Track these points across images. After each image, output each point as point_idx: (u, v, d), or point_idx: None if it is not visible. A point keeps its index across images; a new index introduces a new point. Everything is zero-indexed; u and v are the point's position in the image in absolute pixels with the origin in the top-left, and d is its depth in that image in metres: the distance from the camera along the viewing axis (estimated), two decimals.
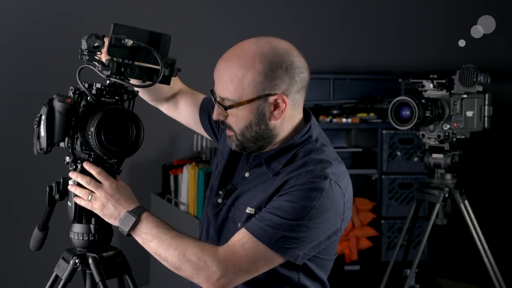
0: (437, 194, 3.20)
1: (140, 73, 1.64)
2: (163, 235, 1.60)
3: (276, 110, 1.63)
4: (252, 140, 1.66)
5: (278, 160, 1.67)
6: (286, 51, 1.63)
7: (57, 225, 2.35)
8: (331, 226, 1.61)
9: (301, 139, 1.67)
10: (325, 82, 4.14)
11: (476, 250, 3.23)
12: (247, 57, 1.61)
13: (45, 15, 3.75)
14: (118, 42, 1.58)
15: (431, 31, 4.41)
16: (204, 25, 4.01)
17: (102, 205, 1.64)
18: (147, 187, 3.89)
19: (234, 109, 1.62)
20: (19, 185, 3.83)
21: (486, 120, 3.24)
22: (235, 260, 1.56)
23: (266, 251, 1.56)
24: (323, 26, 4.28)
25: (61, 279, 1.72)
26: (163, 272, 3.49)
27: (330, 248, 1.68)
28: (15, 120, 3.73)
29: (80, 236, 1.71)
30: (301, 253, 1.58)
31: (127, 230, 1.61)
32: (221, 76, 1.63)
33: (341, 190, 1.61)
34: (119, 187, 1.65)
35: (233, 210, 1.70)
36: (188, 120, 1.99)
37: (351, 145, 4.22)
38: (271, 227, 1.55)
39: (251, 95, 1.60)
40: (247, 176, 1.72)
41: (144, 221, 1.62)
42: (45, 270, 2.00)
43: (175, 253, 1.58)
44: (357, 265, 3.88)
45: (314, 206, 1.56)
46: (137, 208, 1.63)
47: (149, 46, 1.62)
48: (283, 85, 1.62)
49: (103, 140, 1.59)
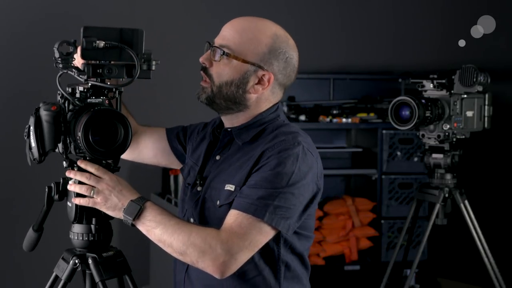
0: (437, 194, 3.20)
1: (118, 72, 1.64)
2: (167, 221, 1.62)
3: (258, 85, 1.71)
4: (225, 97, 1.71)
5: (248, 133, 1.73)
6: (294, 47, 1.76)
7: (57, 225, 2.35)
8: (310, 192, 1.67)
9: (270, 116, 1.75)
10: (325, 82, 4.14)
11: (476, 250, 3.23)
12: (267, 27, 1.72)
13: (45, 15, 3.75)
14: (90, 45, 1.58)
15: (431, 31, 4.41)
16: (204, 25, 4.01)
17: (105, 197, 1.65)
18: (147, 187, 3.89)
19: (226, 59, 1.69)
20: (19, 185, 3.83)
21: (486, 120, 3.24)
22: (236, 240, 1.58)
23: (261, 225, 1.59)
24: (323, 26, 4.28)
25: (61, 279, 1.72)
26: (163, 272, 3.50)
27: (308, 221, 1.72)
28: (15, 120, 3.73)
29: (80, 236, 1.71)
30: (291, 223, 1.63)
31: (132, 218, 1.62)
32: (234, 26, 1.73)
33: (313, 157, 1.68)
34: (119, 180, 1.67)
35: (209, 191, 1.73)
36: (154, 150, 1.99)
37: (351, 145, 4.22)
38: (260, 200, 1.59)
39: (249, 57, 1.70)
40: (218, 158, 1.76)
41: (148, 208, 1.64)
42: (45, 270, 2.00)
43: (179, 238, 1.59)
44: (357, 265, 3.88)
45: (294, 171, 1.62)
46: (140, 198, 1.66)
47: (122, 43, 1.61)
48: (276, 68, 1.72)
49: (91, 142, 1.58)
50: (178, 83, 4.00)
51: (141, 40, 1.64)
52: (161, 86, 3.95)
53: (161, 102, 3.98)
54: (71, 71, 1.63)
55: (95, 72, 1.62)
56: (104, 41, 1.60)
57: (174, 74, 4.01)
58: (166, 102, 3.92)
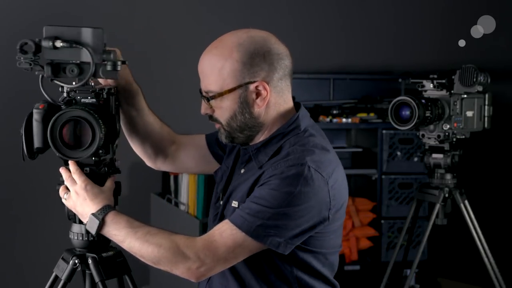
0: (437, 194, 3.20)
1: (81, 71, 1.62)
2: (133, 234, 1.60)
3: (258, 98, 1.66)
4: (239, 130, 1.68)
5: (266, 152, 1.69)
6: (263, 38, 1.66)
7: (57, 225, 2.35)
8: (315, 215, 1.59)
9: (288, 128, 1.69)
10: (325, 82, 4.14)
11: (476, 250, 3.23)
12: (224, 47, 1.64)
13: (45, 15, 3.75)
14: (51, 44, 1.59)
15: (431, 31, 4.41)
16: (204, 25, 4.01)
17: (73, 203, 1.66)
18: (147, 187, 3.89)
19: (218, 100, 1.65)
20: (18, 185, 3.83)
21: (486, 120, 3.24)
22: (213, 249, 1.56)
23: (245, 239, 1.57)
24: (323, 26, 4.28)
25: (61, 279, 1.73)
26: (163, 272, 3.49)
27: (325, 239, 1.66)
28: (15, 120, 3.73)
29: (79, 237, 1.71)
30: (282, 241, 1.57)
31: (94, 233, 1.62)
32: (203, 70, 1.67)
33: (323, 178, 1.60)
34: (87, 186, 1.64)
35: (227, 207, 1.72)
36: (195, 159, 1.96)
37: (351, 145, 4.22)
38: (250, 215, 1.56)
39: (232, 84, 1.64)
40: (242, 172, 1.74)
41: (110, 223, 1.61)
42: (45, 270, 2.00)
43: (149, 249, 1.58)
44: (357, 265, 3.88)
45: (293, 192, 1.56)
46: (102, 209, 1.63)
47: (81, 43, 1.60)
48: (263, 72, 1.64)
49: (58, 141, 1.58)
50: (178, 83, 4.00)
51: (100, 39, 1.61)
52: (161, 86, 3.95)
53: (161, 102, 3.97)
54: (37, 70, 1.63)
55: (56, 71, 1.62)
56: (64, 40, 1.59)
57: (175, 74, 4.01)
58: (166, 102, 3.92)
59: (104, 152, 1.67)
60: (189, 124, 3.90)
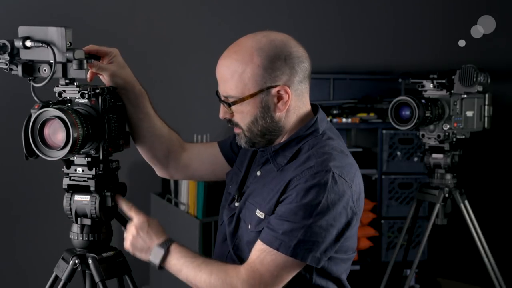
0: (437, 194, 3.20)
1: (51, 71, 1.62)
2: (190, 263, 1.63)
3: (280, 102, 1.64)
4: (260, 134, 1.67)
5: (284, 154, 1.68)
6: (283, 42, 1.65)
7: (57, 225, 2.35)
8: (344, 220, 1.60)
9: (307, 132, 1.68)
10: (325, 82, 4.14)
11: (476, 250, 3.23)
12: (244, 52, 1.63)
13: (45, 16, 3.75)
14: (21, 44, 1.60)
15: (431, 31, 4.41)
16: (204, 25, 4.01)
17: (133, 239, 1.68)
18: (147, 187, 3.89)
19: (239, 105, 1.64)
20: (18, 185, 3.83)
21: (486, 120, 3.24)
22: (258, 278, 1.57)
23: (286, 260, 1.57)
24: (323, 26, 4.28)
25: (61, 279, 1.72)
26: (163, 272, 3.49)
27: (344, 245, 1.66)
28: (15, 120, 3.73)
29: (79, 236, 1.71)
30: (320, 256, 1.58)
31: (158, 263, 1.65)
32: (222, 75, 1.65)
33: (347, 183, 1.61)
34: (149, 221, 1.68)
35: (244, 211, 1.71)
36: (212, 166, 1.94)
37: (351, 145, 4.22)
38: (285, 235, 1.56)
39: (253, 89, 1.62)
40: (259, 174, 1.73)
41: (172, 252, 1.65)
42: (45, 270, 2.00)
43: (201, 279, 1.61)
44: (357, 265, 3.88)
45: (320, 202, 1.56)
46: (166, 241, 1.66)
47: (47, 41, 1.60)
48: (284, 76, 1.63)
49: (38, 141, 1.59)
50: (179, 83, 4.00)
51: (64, 38, 1.60)
52: (161, 86, 3.95)
53: (161, 102, 3.97)
54: (14, 70, 1.63)
55: (28, 71, 1.63)
56: (33, 40, 1.60)
57: (175, 74, 4.00)
58: (167, 102, 3.92)
59: (96, 153, 1.67)
60: (190, 124, 3.91)
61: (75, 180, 1.69)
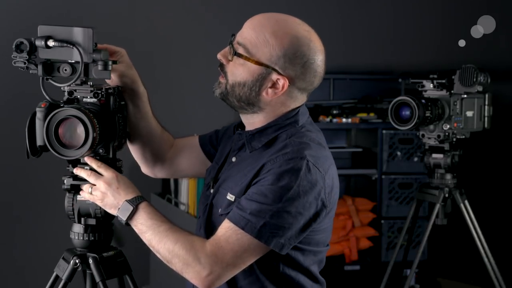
0: (437, 194, 3.20)
1: (73, 71, 1.63)
2: (157, 227, 1.60)
3: (272, 88, 1.65)
4: (237, 97, 1.66)
5: (260, 139, 1.67)
6: (316, 49, 1.69)
7: (57, 225, 2.36)
8: (312, 210, 1.58)
9: (286, 121, 1.68)
10: (325, 82, 4.11)
11: (476, 250, 3.23)
12: (284, 28, 1.66)
13: (45, 15, 3.75)
14: (43, 43, 1.60)
15: (431, 31, 4.41)
16: (204, 25, 4.01)
17: (102, 194, 1.65)
18: (147, 187, 3.88)
19: (241, 60, 1.64)
20: (19, 185, 3.83)
21: (486, 120, 3.24)
22: (221, 255, 1.55)
23: (251, 241, 1.55)
24: (323, 26, 4.27)
25: (61, 279, 1.73)
26: (163, 272, 3.50)
27: (314, 237, 1.65)
28: (15, 120, 3.73)
29: (80, 236, 1.71)
30: (284, 242, 1.56)
31: (125, 219, 1.62)
32: (253, 26, 1.68)
33: (320, 173, 1.58)
34: (118, 177, 1.66)
35: (217, 196, 1.70)
36: (189, 160, 1.93)
37: (351, 145, 4.22)
38: (252, 215, 1.54)
39: (263, 59, 1.63)
40: (234, 160, 1.72)
41: (141, 211, 1.63)
42: (45, 270, 2.01)
43: (165, 246, 1.58)
44: (357, 265, 3.88)
45: (292, 187, 1.54)
46: (135, 198, 1.64)
47: (72, 42, 1.60)
48: (292, 73, 1.64)
49: (53, 140, 1.59)
50: (179, 83, 4.00)
51: (90, 38, 1.61)
52: (161, 86, 3.95)
53: (161, 102, 3.98)
54: (32, 69, 1.64)
55: (49, 71, 1.63)
56: (56, 40, 1.60)
57: (175, 74, 4.01)
58: (167, 102, 3.92)
59: (105, 152, 1.67)
60: (190, 124, 3.91)
61: (81, 180, 1.69)
